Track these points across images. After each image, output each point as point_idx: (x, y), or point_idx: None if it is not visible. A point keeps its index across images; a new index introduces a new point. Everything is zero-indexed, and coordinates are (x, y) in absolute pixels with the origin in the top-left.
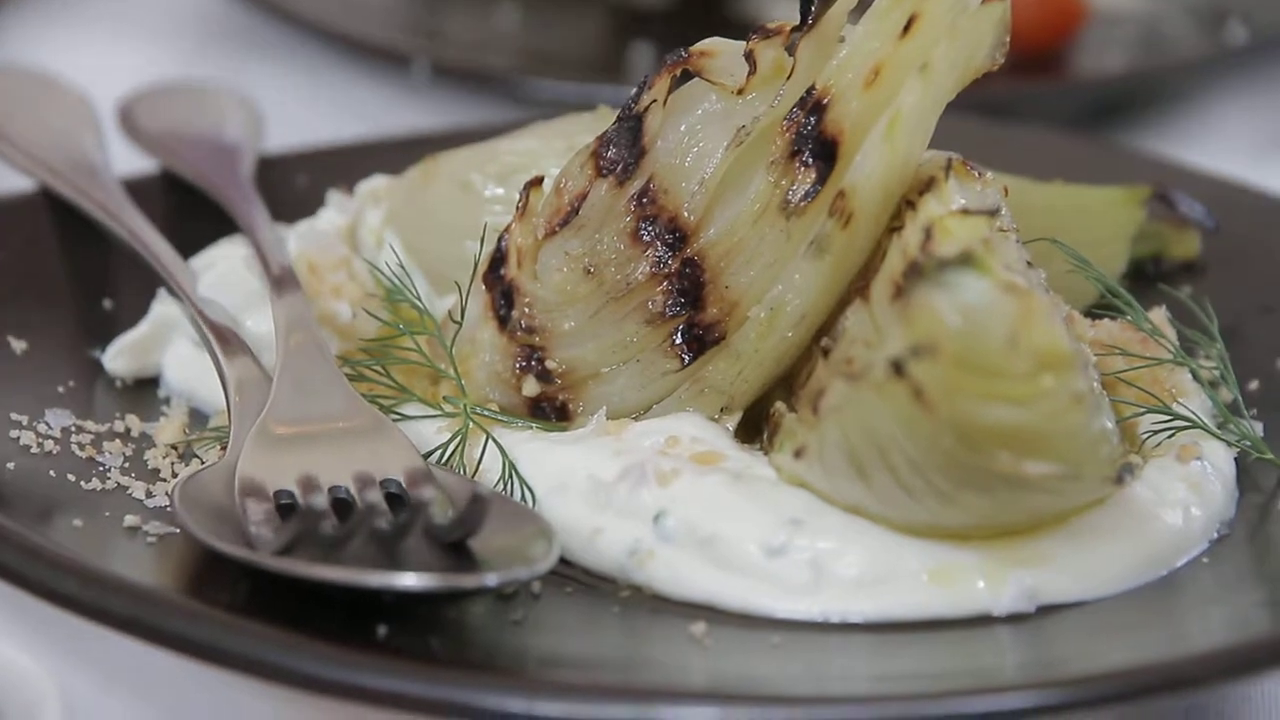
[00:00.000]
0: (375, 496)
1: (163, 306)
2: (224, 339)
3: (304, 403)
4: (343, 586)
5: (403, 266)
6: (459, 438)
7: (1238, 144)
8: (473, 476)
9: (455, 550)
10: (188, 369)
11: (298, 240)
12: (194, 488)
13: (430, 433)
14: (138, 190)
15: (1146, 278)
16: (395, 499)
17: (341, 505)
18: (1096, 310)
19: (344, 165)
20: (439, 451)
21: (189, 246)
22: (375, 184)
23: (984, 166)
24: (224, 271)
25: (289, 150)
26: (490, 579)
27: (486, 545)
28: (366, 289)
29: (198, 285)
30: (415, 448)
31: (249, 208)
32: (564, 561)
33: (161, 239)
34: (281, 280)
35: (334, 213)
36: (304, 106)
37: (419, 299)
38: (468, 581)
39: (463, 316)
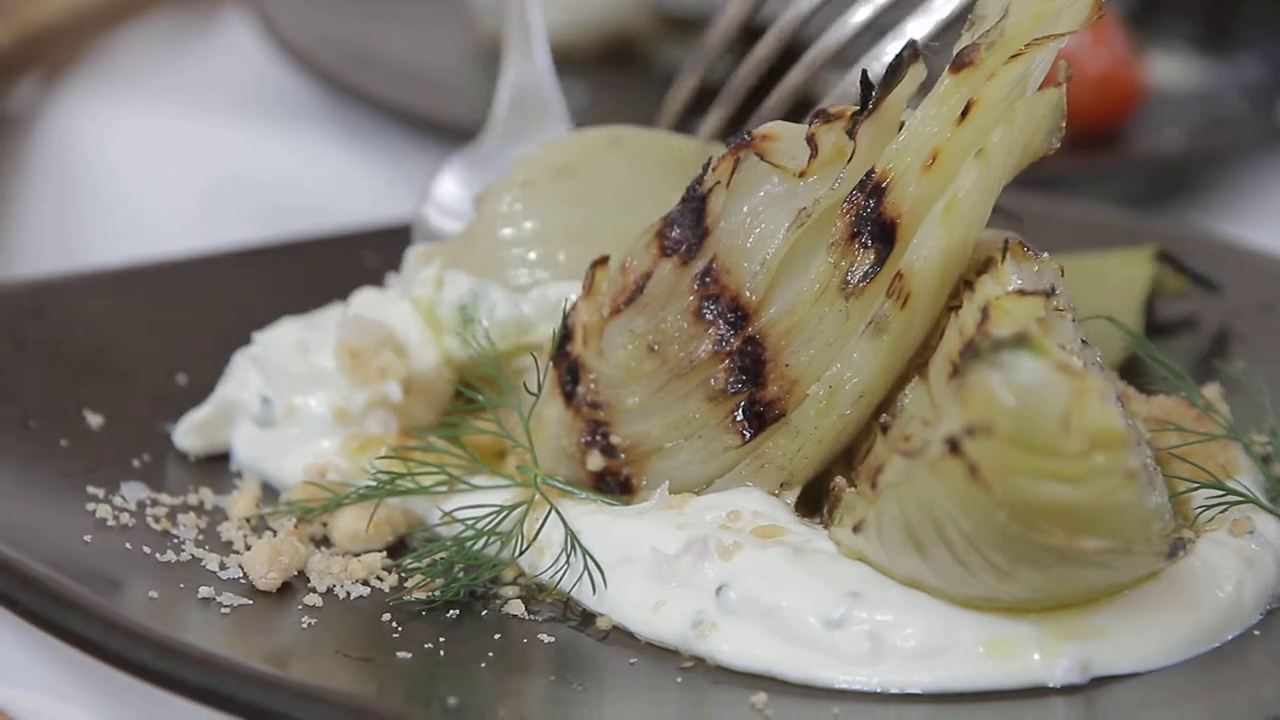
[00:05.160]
0: None
1: (226, 388)
2: None
3: None
4: None
5: (474, 296)
6: (524, 507)
7: None
8: (529, 546)
9: None
10: (255, 449)
11: (335, 329)
12: None
13: (499, 505)
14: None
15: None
16: None
17: None
18: (1149, 388)
19: (410, 242)
20: (503, 518)
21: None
22: (420, 248)
23: (1036, 245)
24: (275, 353)
25: (355, 227)
26: None
27: None
28: (412, 366)
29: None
30: None
31: None
32: (627, 633)
33: None
34: None
35: (370, 293)
36: (369, 182)
37: (497, 370)
38: None
39: (540, 389)
